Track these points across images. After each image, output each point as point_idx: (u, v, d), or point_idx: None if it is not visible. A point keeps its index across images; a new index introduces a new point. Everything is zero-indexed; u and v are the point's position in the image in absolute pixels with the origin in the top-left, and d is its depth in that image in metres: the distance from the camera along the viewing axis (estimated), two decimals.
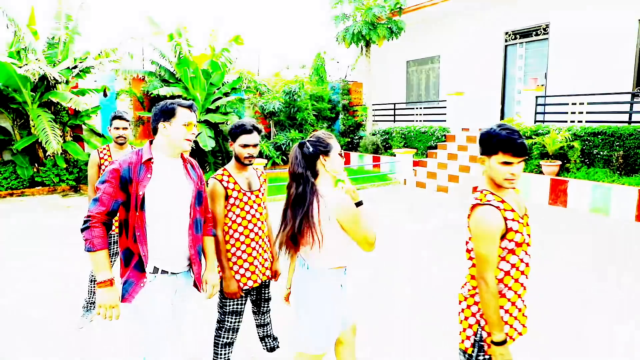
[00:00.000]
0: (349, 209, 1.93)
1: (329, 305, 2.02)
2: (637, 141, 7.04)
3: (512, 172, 1.74)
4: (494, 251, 1.73)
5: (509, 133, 1.74)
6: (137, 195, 1.96)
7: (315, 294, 2.02)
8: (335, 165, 2.04)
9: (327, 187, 2.01)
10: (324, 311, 2.02)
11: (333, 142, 2.06)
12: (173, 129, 2.04)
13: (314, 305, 2.02)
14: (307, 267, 2.05)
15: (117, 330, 3.38)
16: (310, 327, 2.04)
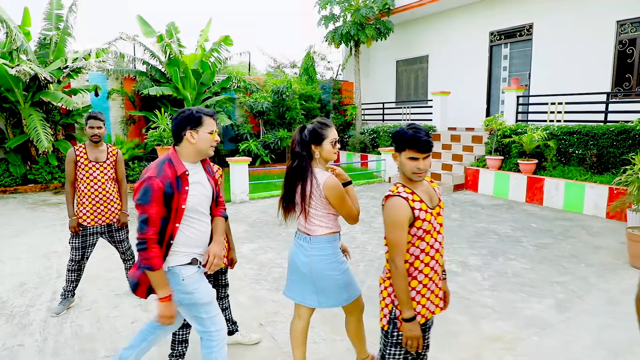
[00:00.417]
0: (335, 188, 2.29)
1: (338, 259, 2.42)
2: (610, 140, 7.23)
3: (418, 166, 1.95)
4: (402, 237, 1.93)
5: (415, 132, 1.94)
6: (179, 209, 2.09)
7: (320, 259, 2.37)
8: (325, 154, 2.35)
9: (320, 169, 2.36)
10: (343, 264, 2.43)
11: (327, 132, 2.34)
12: (200, 137, 2.14)
13: (326, 266, 2.38)
14: (309, 240, 2.39)
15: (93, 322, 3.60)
16: (337, 283, 2.40)
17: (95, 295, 4.10)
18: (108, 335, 3.35)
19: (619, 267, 4.73)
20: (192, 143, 2.15)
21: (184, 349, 2.83)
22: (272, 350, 3.11)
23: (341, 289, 2.40)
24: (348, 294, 2.43)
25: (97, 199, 3.71)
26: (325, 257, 2.38)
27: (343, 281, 2.40)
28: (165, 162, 2.12)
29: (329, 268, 2.38)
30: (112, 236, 3.87)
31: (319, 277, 2.38)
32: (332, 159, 2.40)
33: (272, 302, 3.92)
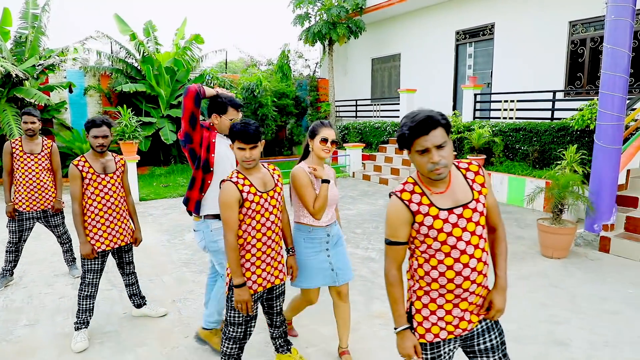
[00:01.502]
0: (296, 178, 2.55)
1: (306, 251, 2.65)
2: (551, 137, 7.57)
3: (245, 155, 2.31)
4: (232, 216, 2.29)
5: (243, 126, 2.30)
6: (207, 166, 2.81)
7: (298, 243, 2.68)
8: (315, 150, 2.59)
9: (306, 162, 2.64)
10: (303, 255, 2.66)
11: (320, 130, 2.57)
12: (222, 121, 2.82)
13: (299, 251, 2.69)
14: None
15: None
16: (300, 267, 2.69)
17: (35, 276, 4.49)
18: (34, 309, 3.73)
19: (529, 256, 5.08)
20: (216, 124, 2.84)
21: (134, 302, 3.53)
22: (174, 322, 3.49)
23: (300, 271, 2.68)
24: (300, 280, 2.69)
25: (32, 187, 4.09)
26: (297, 241, 2.69)
27: (302, 266, 2.67)
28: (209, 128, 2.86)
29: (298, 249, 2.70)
30: (47, 221, 4.25)
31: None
32: (322, 156, 2.59)
33: (192, 283, 4.30)
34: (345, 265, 2.76)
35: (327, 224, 2.68)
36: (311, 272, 2.66)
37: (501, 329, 1.89)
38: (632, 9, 4.86)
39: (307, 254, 2.65)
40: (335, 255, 2.72)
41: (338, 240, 2.78)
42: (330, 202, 2.62)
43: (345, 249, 2.83)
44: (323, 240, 2.66)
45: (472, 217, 1.70)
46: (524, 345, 3.14)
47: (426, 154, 1.60)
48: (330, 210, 2.68)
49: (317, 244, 2.65)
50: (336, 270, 2.70)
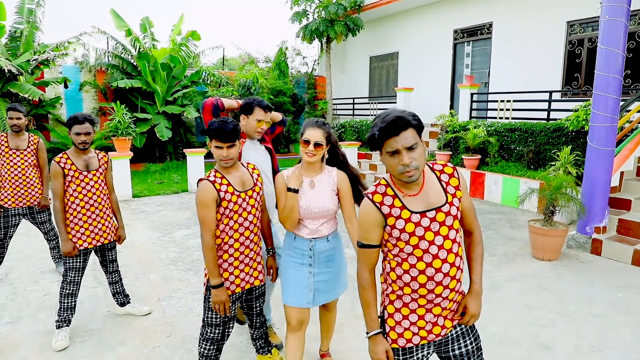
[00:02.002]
0: (275, 182, 2.41)
1: (288, 258, 2.42)
2: (546, 137, 7.53)
3: (222, 154, 2.28)
4: (208, 216, 2.26)
5: (220, 125, 2.26)
6: None
7: (283, 247, 2.50)
8: (301, 152, 2.33)
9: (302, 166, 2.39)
10: (284, 261, 2.44)
11: (305, 129, 2.29)
12: (249, 122, 2.76)
13: (282, 255, 2.50)
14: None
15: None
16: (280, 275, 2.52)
17: (22, 272, 4.47)
18: (17, 306, 3.71)
19: (519, 258, 5.05)
20: (243, 125, 2.78)
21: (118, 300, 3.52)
22: (158, 321, 3.46)
23: (280, 279, 2.49)
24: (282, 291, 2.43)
25: (18, 183, 4.06)
26: (284, 244, 2.51)
27: (281, 273, 2.48)
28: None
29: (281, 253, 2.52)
30: (33, 218, 4.22)
31: None
32: (305, 159, 2.29)
33: (178, 281, 4.27)
34: (331, 287, 2.45)
35: (310, 237, 2.36)
36: (288, 281, 2.40)
37: (477, 335, 1.86)
38: (627, 9, 4.82)
39: (288, 262, 2.42)
40: (320, 276, 2.39)
41: (329, 259, 2.42)
42: (309, 213, 2.31)
43: (339, 271, 2.48)
44: (305, 254, 2.37)
45: (446, 220, 1.66)
46: (508, 348, 3.12)
47: (396, 155, 1.56)
48: (313, 223, 2.35)
49: (299, 256, 2.38)
50: (315, 292, 2.38)
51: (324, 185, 2.35)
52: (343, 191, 2.39)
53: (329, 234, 2.42)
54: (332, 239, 2.43)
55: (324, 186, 2.35)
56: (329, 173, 2.40)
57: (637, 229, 5.04)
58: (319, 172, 2.37)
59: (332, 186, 2.36)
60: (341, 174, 2.41)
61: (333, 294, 2.49)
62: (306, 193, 2.33)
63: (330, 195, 2.35)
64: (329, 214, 2.36)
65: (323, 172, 2.39)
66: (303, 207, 2.31)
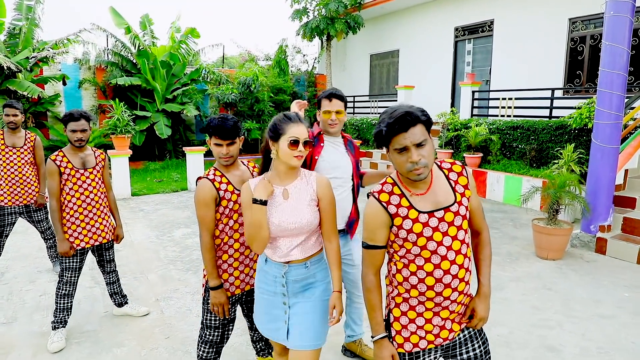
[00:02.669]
0: (241, 195, 1.95)
1: (259, 284, 2.00)
2: (549, 135, 7.46)
3: (222, 152, 2.20)
4: (207, 215, 2.19)
5: (220, 121, 2.19)
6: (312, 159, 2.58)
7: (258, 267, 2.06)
8: (282, 154, 1.84)
9: (272, 173, 1.94)
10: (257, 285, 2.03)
11: (287, 127, 1.83)
12: (321, 117, 2.60)
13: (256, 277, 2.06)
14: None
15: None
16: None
17: (18, 271, 4.40)
18: (13, 306, 3.64)
19: (523, 257, 4.99)
20: (319, 120, 2.64)
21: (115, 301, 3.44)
22: (156, 322, 3.40)
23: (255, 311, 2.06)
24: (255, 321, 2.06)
25: (14, 181, 3.99)
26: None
27: (255, 305, 2.06)
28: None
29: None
30: (30, 216, 4.15)
31: None
32: (292, 164, 1.84)
33: (177, 281, 4.20)
34: (306, 327, 1.90)
35: (283, 260, 1.90)
36: (261, 309, 2.00)
37: (485, 338, 1.79)
38: (632, 5, 4.74)
39: (260, 288, 2.00)
40: (296, 307, 1.92)
41: (307, 290, 1.94)
42: (282, 231, 1.85)
43: (322, 305, 1.94)
44: (278, 281, 1.92)
45: (454, 220, 1.59)
46: (514, 350, 3.05)
47: (405, 152, 1.50)
48: (286, 243, 1.89)
49: (271, 283, 1.94)
50: (289, 326, 1.92)
51: (301, 195, 1.90)
52: (324, 202, 1.92)
53: (307, 258, 1.93)
54: (312, 265, 1.94)
55: (300, 196, 1.90)
56: (307, 179, 1.94)
57: None
58: (294, 178, 1.92)
59: (311, 195, 1.90)
60: (323, 180, 1.94)
61: (309, 339, 1.89)
62: (279, 205, 1.87)
63: (308, 207, 1.88)
64: (308, 230, 1.89)
65: (299, 178, 1.93)
66: (275, 223, 1.84)
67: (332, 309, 1.89)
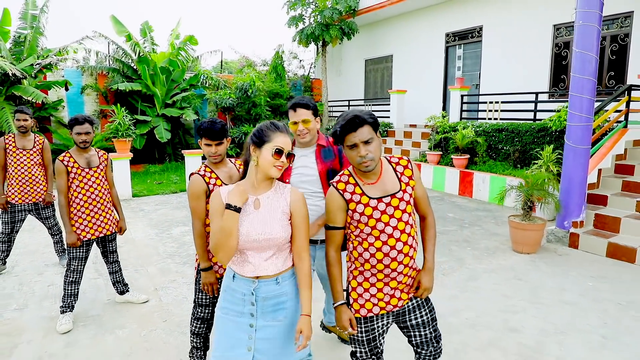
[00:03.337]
0: (210, 202, 1.88)
1: (224, 304, 1.87)
2: (532, 137, 7.79)
3: (211, 151, 2.54)
4: (198, 206, 2.52)
5: (209, 125, 2.52)
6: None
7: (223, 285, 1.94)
8: (263, 162, 1.78)
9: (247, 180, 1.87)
10: (220, 304, 1.88)
11: (273, 135, 1.79)
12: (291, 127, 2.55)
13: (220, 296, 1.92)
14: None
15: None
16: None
17: (27, 265, 4.73)
18: (23, 295, 3.97)
19: (500, 251, 5.30)
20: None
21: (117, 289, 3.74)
22: (155, 308, 3.72)
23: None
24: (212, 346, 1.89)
25: (24, 181, 4.33)
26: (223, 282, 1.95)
27: (215, 330, 1.88)
28: None
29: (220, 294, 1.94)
30: (39, 213, 4.48)
31: None
32: (271, 174, 1.79)
33: (175, 273, 4.53)
34: (278, 351, 1.83)
35: (252, 275, 1.82)
36: (221, 333, 1.85)
37: (432, 307, 2.11)
38: (599, 15, 5.08)
39: (223, 309, 1.86)
40: (264, 330, 1.81)
41: (277, 311, 1.84)
42: (250, 242, 1.78)
43: (291, 328, 1.86)
44: (247, 299, 1.82)
45: (399, 205, 1.92)
46: (479, 331, 3.37)
47: (355, 148, 1.84)
48: (257, 256, 1.81)
49: (239, 302, 1.83)
50: (255, 352, 1.80)
51: (273, 206, 1.83)
52: (297, 217, 1.85)
53: (279, 273, 1.85)
54: (282, 281, 1.85)
55: (272, 207, 1.83)
56: (281, 191, 1.88)
57: (612, 223, 5.29)
58: (267, 189, 1.86)
59: (283, 208, 1.84)
60: (297, 194, 1.88)
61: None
62: (249, 214, 1.80)
63: (280, 219, 1.81)
64: (277, 244, 1.81)
65: (272, 189, 1.87)
66: (243, 232, 1.77)
67: (299, 333, 1.77)
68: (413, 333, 2.09)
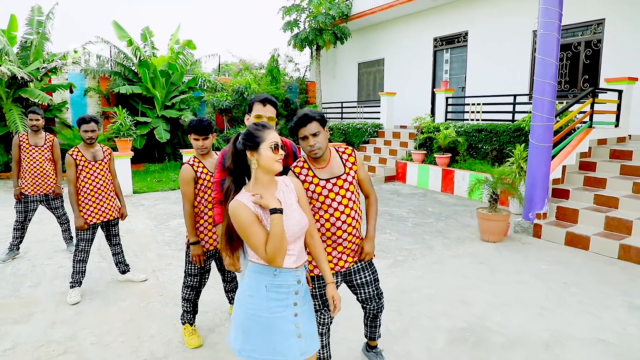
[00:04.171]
0: (235, 217, 1.79)
1: (269, 304, 1.85)
2: (508, 137, 8.29)
3: (199, 144, 3.04)
4: (188, 190, 3.02)
5: (197, 122, 3.03)
6: None
7: (257, 292, 1.87)
8: (264, 161, 1.83)
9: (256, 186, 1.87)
10: (263, 311, 1.84)
11: (265, 134, 1.85)
12: (250, 119, 2.62)
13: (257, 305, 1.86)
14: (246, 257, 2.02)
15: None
16: (235, 319, 1.91)
17: (38, 251, 5.24)
18: (36, 275, 4.47)
19: (469, 240, 5.79)
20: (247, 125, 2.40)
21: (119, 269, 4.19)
22: (153, 285, 4.22)
23: (236, 330, 1.88)
24: (246, 346, 1.84)
25: (36, 174, 4.84)
26: (246, 287, 1.91)
27: (242, 323, 1.86)
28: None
29: (238, 297, 1.93)
30: (49, 204, 4.99)
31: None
32: (275, 169, 1.85)
33: (171, 258, 5.03)
34: (314, 330, 1.99)
35: (296, 265, 1.91)
36: (272, 339, 1.83)
37: (374, 269, 2.61)
38: (558, 24, 5.59)
39: (271, 310, 1.85)
40: (304, 314, 1.94)
41: (307, 292, 2.02)
42: (293, 237, 1.88)
43: (312, 306, 2.08)
44: (292, 289, 1.89)
45: (344, 185, 2.42)
46: (434, 303, 3.86)
47: (306, 139, 2.34)
48: (297, 246, 1.92)
49: (284, 295, 1.88)
50: (305, 337, 1.90)
51: (288, 199, 1.95)
52: (302, 198, 2.04)
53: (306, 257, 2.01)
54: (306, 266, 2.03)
55: (289, 200, 1.95)
56: (284, 182, 2.02)
57: (572, 214, 5.78)
58: (275, 184, 1.95)
59: (294, 197, 2.00)
60: (294, 179, 2.10)
61: (316, 338, 1.99)
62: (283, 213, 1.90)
63: (297, 207, 1.96)
64: (304, 230, 1.96)
65: (279, 183, 1.99)
66: (289, 229, 1.86)
67: (332, 299, 2.06)
68: (359, 291, 2.59)
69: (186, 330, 3.20)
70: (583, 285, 4.29)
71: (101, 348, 3.11)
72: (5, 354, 3.03)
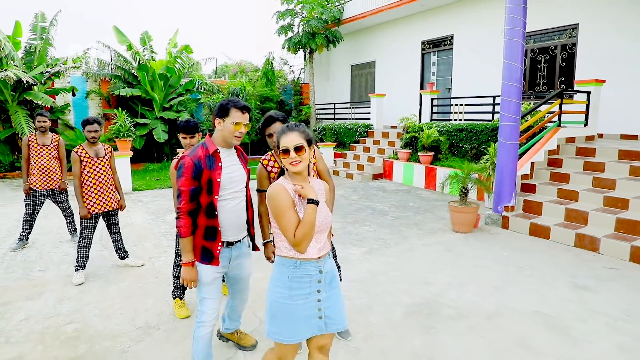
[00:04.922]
0: (271, 202, 1.97)
1: (292, 293, 2.03)
2: (487, 136, 8.77)
3: (187, 142, 3.53)
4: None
5: (185, 123, 3.52)
6: (213, 182, 2.40)
7: (281, 282, 2.06)
8: (283, 161, 2.02)
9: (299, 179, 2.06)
10: (287, 299, 2.03)
11: (280, 139, 2.03)
12: (225, 125, 2.42)
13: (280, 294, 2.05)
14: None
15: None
16: (268, 308, 2.09)
17: (45, 242, 5.73)
18: (45, 262, 4.97)
19: (441, 231, 6.27)
20: (219, 130, 2.46)
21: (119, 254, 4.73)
22: (149, 270, 4.71)
23: (269, 318, 2.08)
24: (272, 329, 2.07)
25: (43, 171, 5.33)
26: (273, 277, 2.11)
27: (269, 309, 2.07)
28: (200, 145, 2.48)
29: (269, 286, 2.11)
30: (55, 198, 5.48)
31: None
32: (291, 170, 2.01)
33: (167, 247, 5.52)
34: (339, 312, 2.15)
35: (319, 255, 2.07)
36: (294, 322, 2.05)
37: (332, 246, 3.10)
38: (522, 32, 6.07)
39: (294, 298, 2.04)
40: (328, 299, 2.12)
41: (332, 279, 2.16)
42: (320, 228, 2.04)
43: (340, 291, 2.21)
44: (314, 278, 2.06)
45: None
46: (398, 284, 4.34)
47: (271, 137, 2.84)
48: (322, 237, 2.09)
49: (307, 284, 2.05)
50: (325, 318, 2.10)
51: (322, 195, 2.15)
52: (329, 201, 2.42)
53: (329, 249, 2.18)
54: (330, 254, 2.21)
55: (322, 196, 2.14)
56: (319, 182, 2.22)
57: (536, 207, 6.26)
58: (308, 182, 2.11)
59: (324, 197, 2.19)
60: (324, 182, 2.27)
61: (342, 320, 2.16)
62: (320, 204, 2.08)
63: (325, 206, 2.13)
64: (329, 225, 2.14)
65: (314, 182, 2.19)
66: (319, 219, 2.04)
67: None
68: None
69: (176, 303, 3.69)
70: (536, 268, 4.76)
71: (103, 319, 3.60)
72: (20, 324, 3.52)
